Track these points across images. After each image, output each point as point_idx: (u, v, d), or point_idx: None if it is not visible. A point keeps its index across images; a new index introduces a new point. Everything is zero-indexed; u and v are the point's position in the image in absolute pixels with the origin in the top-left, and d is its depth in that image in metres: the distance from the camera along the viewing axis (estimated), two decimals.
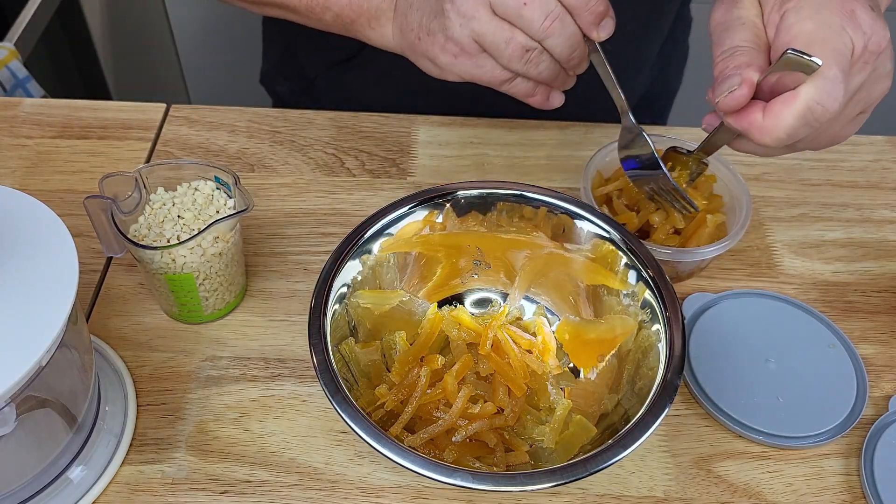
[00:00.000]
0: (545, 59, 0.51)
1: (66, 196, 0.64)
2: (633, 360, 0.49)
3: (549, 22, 0.48)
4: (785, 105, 0.42)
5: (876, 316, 0.59)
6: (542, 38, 0.49)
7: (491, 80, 0.52)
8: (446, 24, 0.50)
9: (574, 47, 0.50)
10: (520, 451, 0.47)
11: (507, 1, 0.48)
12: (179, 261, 0.50)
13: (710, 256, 0.56)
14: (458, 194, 0.53)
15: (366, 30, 0.59)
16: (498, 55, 0.50)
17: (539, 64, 0.51)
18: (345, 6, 0.59)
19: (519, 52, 0.50)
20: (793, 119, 0.42)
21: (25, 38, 1.10)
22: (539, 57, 0.50)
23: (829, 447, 0.51)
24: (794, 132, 0.43)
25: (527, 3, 0.48)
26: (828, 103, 0.42)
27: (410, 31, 0.55)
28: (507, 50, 0.49)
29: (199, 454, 0.49)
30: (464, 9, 0.49)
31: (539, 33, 0.49)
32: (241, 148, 0.69)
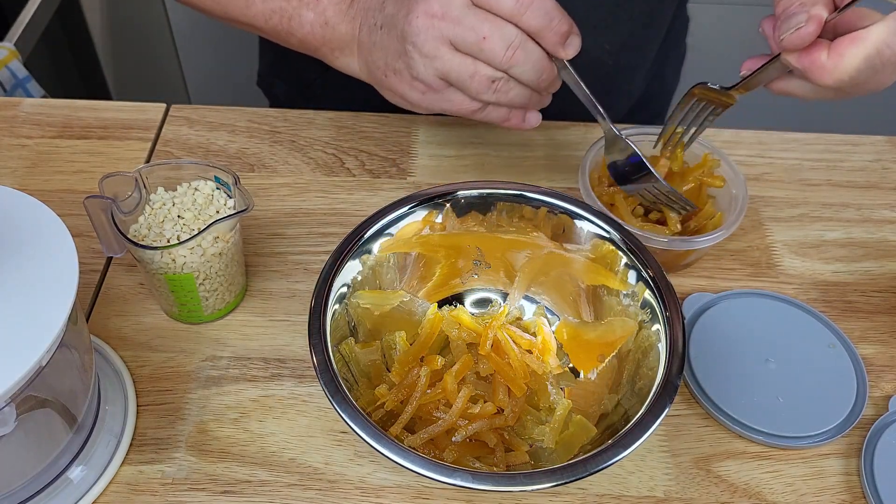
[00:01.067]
0: (514, 86, 0.50)
1: (66, 196, 0.64)
2: (633, 360, 0.49)
3: (511, 52, 0.48)
4: (853, 45, 0.41)
5: (876, 316, 0.59)
6: (507, 68, 0.49)
7: (462, 112, 0.52)
8: (410, 63, 0.51)
9: (541, 71, 0.50)
10: (520, 451, 0.47)
11: (466, 37, 0.48)
12: (179, 261, 0.50)
13: (705, 245, 0.56)
14: (458, 194, 0.53)
15: (330, 57, 0.59)
16: (465, 89, 0.50)
17: (508, 91, 0.50)
18: (307, 34, 0.58)
19: (485, 84, 0.49)
20: (859, 61, 0.41)
21: (25, 38, 1.10)
22: (507, 85, 0.50)
23: (829, 447, 0.51)
24: (858, 74, 0.42)
25: (486, 37, 0.48)
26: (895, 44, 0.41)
27: (377, 68, 0.55)
28: (473, 83, 0.49)
29: (199, 454, 0.49)
30: (425, 49, 0.49)
31: (503, 64, 0.48)
32: (241, 148, 0.69)
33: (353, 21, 0.56)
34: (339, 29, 0.57)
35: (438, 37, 0.49)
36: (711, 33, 1.36)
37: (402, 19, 0.50)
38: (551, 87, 0.53)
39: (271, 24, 0.59)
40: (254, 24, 0.61)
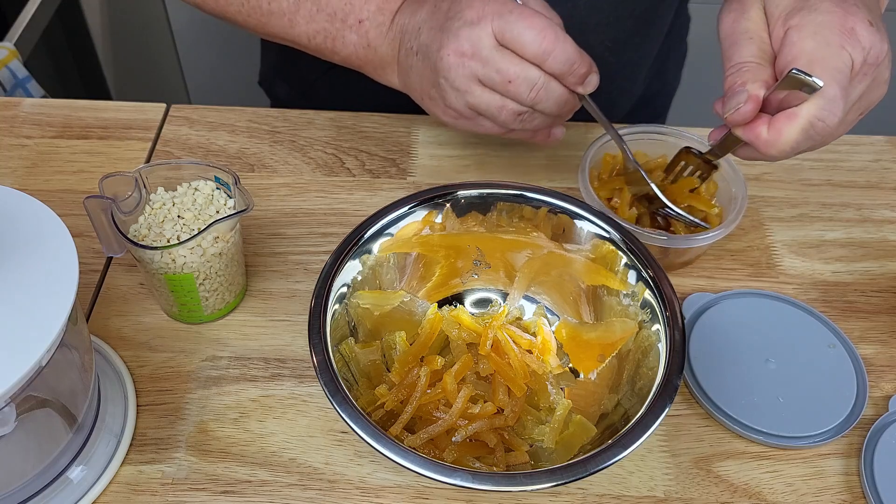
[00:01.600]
0: (538, 116, 0.54)
1: (66, 196, 0.64)
2: (633, 360, 0.49)
3: (535, 93, 0.51)
4: (787, 122, 0.46)
5: (876, 316, 0.59)
6: (532, 105, 0.52)
7: (492, 134, 0.56)
8: (443, 94, 0.54)
9: (563, 105, 0.53)
10: (520, 451, 0.47)
11: (493, 77, 0.51)
12: (179, 261, 0.50)
13: (704, 244, 0.56)
14: (458, 194, 0.54)
15: (373, 75, 0.62)
16: (494, 119, 0.54)
17: (533, 121, 0.54)
18: (351, 54, 0.61)
19: (512, 117, 0.53)
20: (795, 134, 0.46)
21: (25, 38, 1.10)
22: (531, 116, 0.54)
23: (829, 447, 0.51)
24: (797, 145, 0.46)
25: (511, 81, 0.51)
26: (828, 119, 0.45)
27: (414, 90, 0.58)
28: (501, 116, 0.53)
29: (199, 454, 0.49)
30: (457, 83, 0.52)
31: (528, 102, 0.52)
32: (241, 148, 0.69)
33: (392, 42, 0.58)
34: (380, 50, 0.59)
35: (468, 75, 0.52)
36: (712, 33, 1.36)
37: (434, 53, 0.53)
38: (573, 111, 0.56)
39: (314, 43, 0.61)
40: (297, 41, 0.62)
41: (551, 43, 0.50)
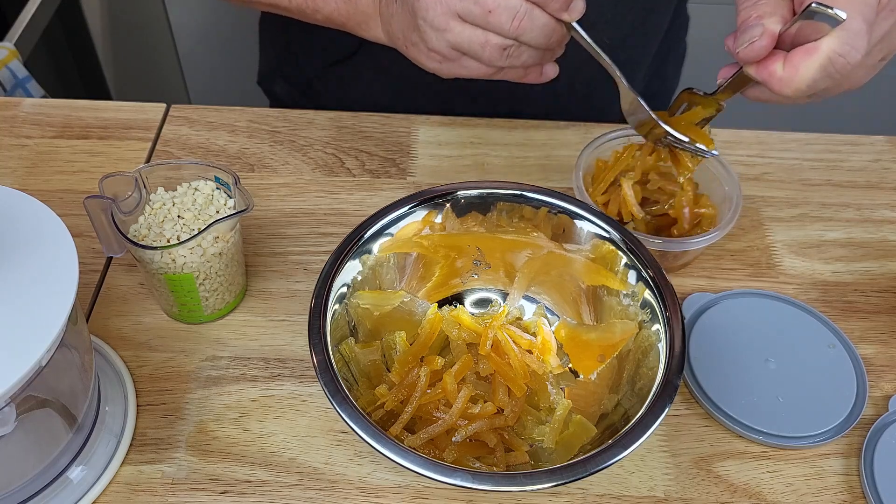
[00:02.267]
0: (525, 50, 0.51)
1: (66, 196, 0.64)
2: (633, 360, 0.49)
3: (517, 22, 0.49)
4: (805, 56, 0.42)
5: (876, 316, 0.59)
6: (516, 37, 0.50)
7: (480, 76, 0.54)
8: (424, 37, 0.52)
9: (549, 34, 0.51)
10: (520, 451, 0.47)
11: (472, 10, 0.49)
12: (179, 261, 0.50)
13: (700, 246, 0.56)
14: (458, 194, 0.53)
15: (357, 31, 0.61)
16: (478, 57, 0.51)
17: (521, 55, 0.52)
18: (333, 10, 0.60)
19: (497, 52, 0.51)
20: (813, 71, 0.43)
21: (25, 38, 1.10)
22: (518, 50, 0.51)
23: (829, 447, 0.51)
24: (815, 84, 0.43)
25: (491, 10, 0.48)
26: (850, 55, 0.42)
27: (397, 39, 0.56)
28: (486, 52, 0.51)
29: (199, 454, 0.49)
30: (436, 22, 0.50)
31: (511, 33, 0.49)
32: (241, 148, 0.69)
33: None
34: (360, 4, 0.59)
35: (446, 11, 0.50)
36: (711, 33, 1.36)
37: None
38: (562, 42, 0.53)
39: (296, 3, 0.61)
40: (278, 4, 0.62)
41: None
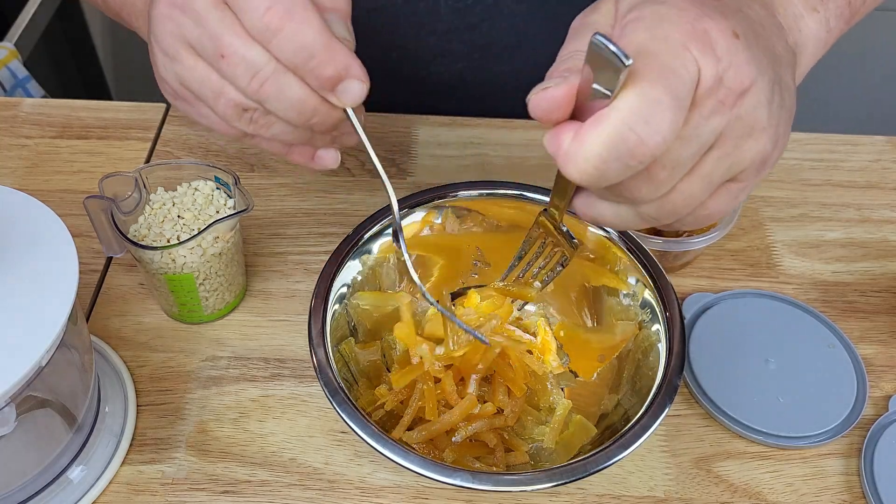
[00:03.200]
0: (276, 122, 0.40)
1: (66, 196, 0.64)
2: (633, 360, 0.49)
3: (258, 84, 0.37)
4: (593, 126, 0.31)
5: (876, 316, 0.59)
6: (259, 101, 0.38)
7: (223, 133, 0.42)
8: (155, 59, 0.41)
9: (308, 113, 0.38)
10: (520, 452, 0.47)
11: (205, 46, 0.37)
12: (179, 261, 0.50)
13: (700, 247, 0.56)
14: (458, 194, 0.53)
15: (133, 25, 0.51)
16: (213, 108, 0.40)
17: (269, 126, 0.40)
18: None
19: (234, 111, 0.39)
20: (599, 146, 0.31)
21: (25, 38, 1.11)
22: (265, 119, 0.39)
23: (830, 447, 0.51)
24: (604, 165, 0.32)
25: (224, 56, 0.36)
26: (644, 132, 0.31)
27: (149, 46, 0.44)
28: (219, 106, 0.39)
29: (198, 454, 0.49)
30: (164, 44, 0.39)
31: (250, 95, 0.38)
32: (241, 148, 0.69)
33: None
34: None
35: (178, 34, 0.38)
36: None
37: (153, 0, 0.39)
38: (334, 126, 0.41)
39: None
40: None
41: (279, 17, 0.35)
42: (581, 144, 0.32)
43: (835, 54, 0.54)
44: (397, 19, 0.69)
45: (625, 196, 0.35)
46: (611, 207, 0.37)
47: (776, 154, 0.36)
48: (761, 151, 0.35)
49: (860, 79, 1.48)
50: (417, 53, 0.72)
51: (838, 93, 1.48)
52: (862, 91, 1.50)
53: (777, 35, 0.38)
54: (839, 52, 0.66)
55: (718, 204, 0.36)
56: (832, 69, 1.42)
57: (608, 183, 0.33)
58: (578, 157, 0.32)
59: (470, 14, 0.68)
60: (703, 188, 0.35)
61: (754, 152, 0.34)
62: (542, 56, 0.53)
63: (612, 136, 0.31)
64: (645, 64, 0.31)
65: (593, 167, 0.32)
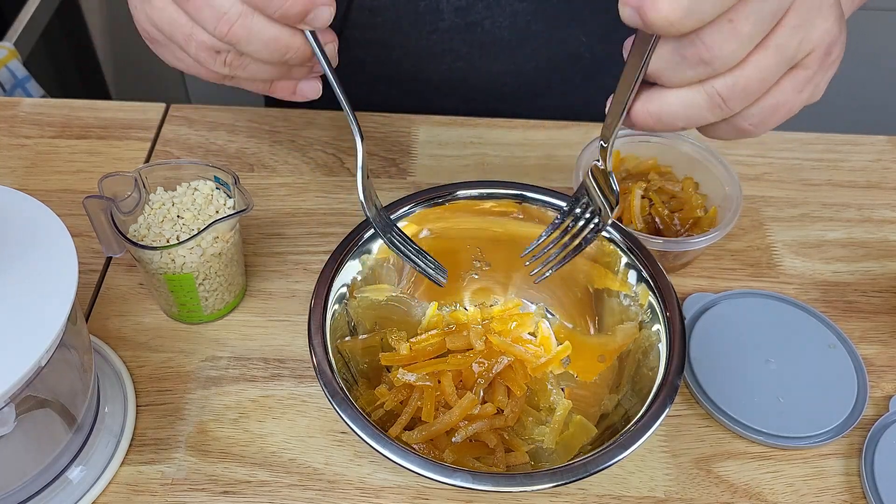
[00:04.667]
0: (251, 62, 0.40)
1: (65, 196, 0.63)
2: (633, 361, 0.49)
3: (227, 27, 0.37)
4: None
5: (876, 316, 0.59)
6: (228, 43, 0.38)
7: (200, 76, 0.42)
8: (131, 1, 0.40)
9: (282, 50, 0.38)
10: (520, 452, 0.47)
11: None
12: (179, 261, 0.50)
13: (700, 247, 0.56)
14: (458, 194, 0.53)
15: None
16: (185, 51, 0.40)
17: (245, 66, 0.40)
18: None
19: (207, 54, 0.39)
20: None
21: (25, 37, 1.10)
22: (240, 60, 0.39)
23: (830, 447, 0.51)
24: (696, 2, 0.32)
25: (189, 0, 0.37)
26: None
27: None
28: (191, 49, 0.39)
29: (198, 454, 0.49)
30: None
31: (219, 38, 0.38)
32: (241, 148, 0.69)
33: None
34: None
35: None
36: None
37: None
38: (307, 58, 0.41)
39: None
40: None
41: None
42: None
43: None
44: (398, 18, 0.69)
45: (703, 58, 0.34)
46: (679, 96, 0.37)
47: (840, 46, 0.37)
48: (829, 31, 0.35)
49: (860, 79, 1.48)
50: (418, 52, 0.72)
51: (838, 93, 1.48)
52: (862, 91, 1.50)
53: None
54: None
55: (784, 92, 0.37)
56: None
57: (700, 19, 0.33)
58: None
59: (471, 12, 0.68)
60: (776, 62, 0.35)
61: (823, 30, 0.35)
62: (544, 55, 0.52)
63: None
64: None
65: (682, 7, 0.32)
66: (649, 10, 0.32)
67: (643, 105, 0.38)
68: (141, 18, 0.40)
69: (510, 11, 0.68)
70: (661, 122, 0.38)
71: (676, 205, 0.60)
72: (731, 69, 0.35)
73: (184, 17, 0.38)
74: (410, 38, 0.70)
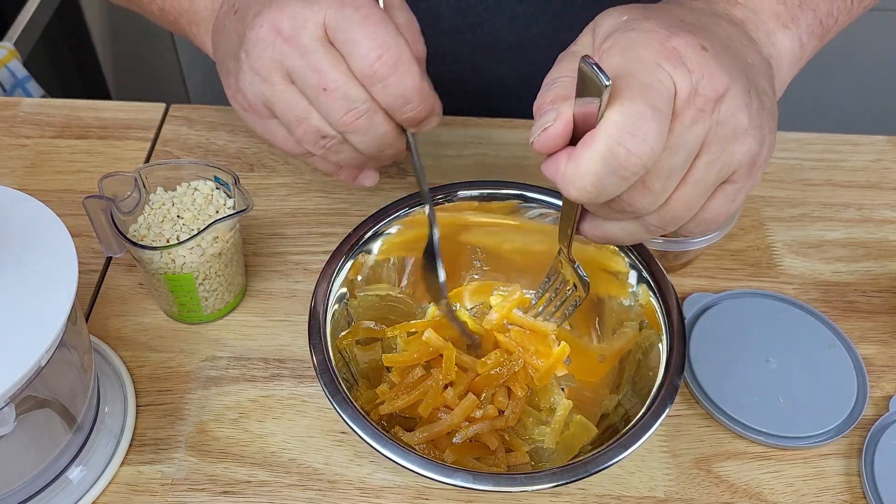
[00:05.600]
0: (347, 150, 0.43)
1: (65, 196, 0.63)
2: (633, 361, 0.49)
3: (352, 119, 0.41)
4: (585, 147, 0.34)
5: (876, 316, 0.59)
6: (343, 132, 0.42)
7: (284, 149, 0.45)
8: (240, 73, 0.43)
9: (385, 145, 0.42)
10: (520, 452, 0.47)
11: (306, 77, 0.40)
12: (179, 261, 0.50)
13: (700, 247, 0.56)
14: (458, 194, 0.53)
15: (187, 31, 0.54)
16: (289, 129, 0.43)
17: (339, 153, 0.43)
18: (169, 3, 0.53)
19: (313, 137, 0.42)
20: (594, 164, 0.34)
21: (25, 37, 1.10)
22: (339, 147, 0.43)
23: (830, 447, 0.51)
24: (601, 182, 0.34)
25: (327, 89, 0.40)
26: (633, 145, 0.33)
27: (218, 55, 0.48)
28: (299, 130, 0.42)
29: (198, 454, 0.49)
30: (258, 65, 0.41)
31: (339, 126, 0.41)
32: (241, 147, 0.69)
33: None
34: (200, 2, 0.51)
35: (276, 60, 0.41)
36: None
37: (250, 18, 0.42)
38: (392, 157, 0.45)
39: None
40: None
41: (388, 67, 0.39)
42: (577, 165, 0.34)
43: (835, 54, 0.54)
44: None
45: (626, 210, 0.37)
46: (616, 225, 0.40)
47: (765, 153, 0.38)
48: (748, 152, 0.37)
49: (860, 79, 1.48)
50: None
51: (838, 93, 1.48)
52: (862, 91, 1.50)
53: (749, 47, 0.40)
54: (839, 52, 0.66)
55: (717, 207, 0.38)
56: (833, 69, 1.42)
57: (607, 197, 0.35)
58: (576, 176, 0.34)
59: (471, 14, 0.68)
60: (699, 193, 0.37)
61: (741, 153, 0.36)
62: (544, 56, 0.53)
63: (604, 152, 0.33)
64: (624, 84, 0.34)
65: (591, 184, 0.34)
66: (562, 190, 0.36)
67: (590, 229, 0.42)
68: (251, 94, 0.43)
69: (510, 13, 0.68)
70: (609, 241, 0.41)
71: None
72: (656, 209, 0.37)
73: (303, 102, 0.41)
74: None
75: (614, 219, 0.39)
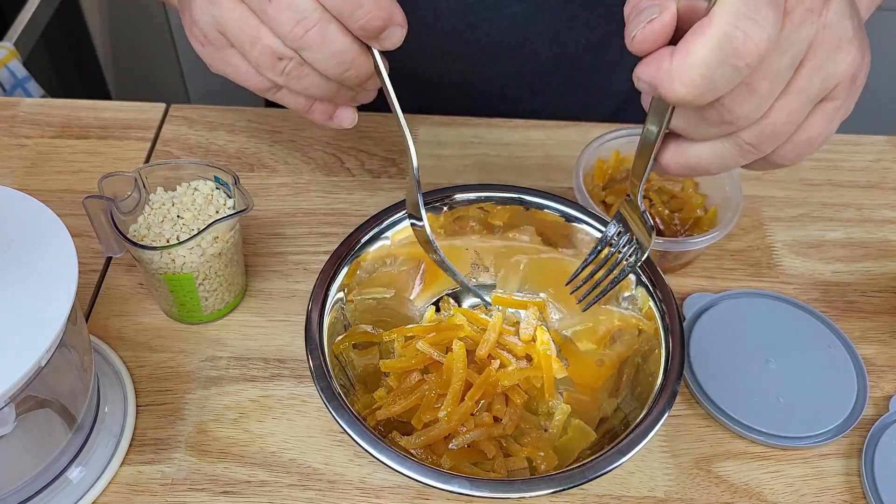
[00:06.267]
0: (309, 73, 0.41)
1: (65, 196, 0.63)
2: (632, 364, 0.49)
3: (302, 30, 0.38)
4: (697, 35, 0.32)
5: (876, 316, 0.59)
6: (297, 49, 0.39)
7: (249, 85, 0.43)
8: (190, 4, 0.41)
9: (346, 65, 0.40)
10: (518, 457, 0.47)
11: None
12: (179, 261, 0.50)
13: (700, 247, 0.56)
14: (457, 197, 0.53)
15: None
16: (246, 55, 0.41)
17: (301, 78, 0.41)
18: None
19: (269, 59, 0.40)
20: (706, 51, 0.31)
21: (25, 37, 1.10)
22: (299, 69, 0.40)
23: (830, 447, 0.51)
24: (712, 74, 0.32)
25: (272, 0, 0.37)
26: (751, 29, 0.31)
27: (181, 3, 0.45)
28: (254, 52, 0.40)
29: (198, 454, 0.49)
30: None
31: (290, 42, 0.39)
32: (241, 148, 0.69)
33: None
34: None
35: None
36: None
37: None
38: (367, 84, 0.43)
39: None
40: None
41: None
42: (686, 55, 0.32)
43: None
44: None
45: (725, 121, 0.35)
46: (706, 148, 0.37)
47: (865, 70, 0.37)
48: (852, 63, 0.35)
49: None
50: (418, 53, 0.72)
51: None
52: (862, 91, 1.50)
53: None
54: None
55: (815, 126, 0.37)
56: None
57: (714, 94, 0.33)
58: (684, 69, 0.32)
59: (471, 14, 0.68)
60: (802, 104, 0.35)
61: (845, 64, 0.35)
62: (544, 55, 0.52)
63: (720, 37, 0.31)
64: None
65: (700, 76, 0.32)
66: (665, 89, 0.33)
67: (673, 157, 0.39)
68: (203, 20, 0.41)
69: (509, 13, 0.68)
70: (693, 171, 0.38)
71: (676, 205, 0.60)
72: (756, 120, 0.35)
73: (254, 20, 0.39)
74: (410, 39, 0.70)
75: (706, 136, 0.37)
